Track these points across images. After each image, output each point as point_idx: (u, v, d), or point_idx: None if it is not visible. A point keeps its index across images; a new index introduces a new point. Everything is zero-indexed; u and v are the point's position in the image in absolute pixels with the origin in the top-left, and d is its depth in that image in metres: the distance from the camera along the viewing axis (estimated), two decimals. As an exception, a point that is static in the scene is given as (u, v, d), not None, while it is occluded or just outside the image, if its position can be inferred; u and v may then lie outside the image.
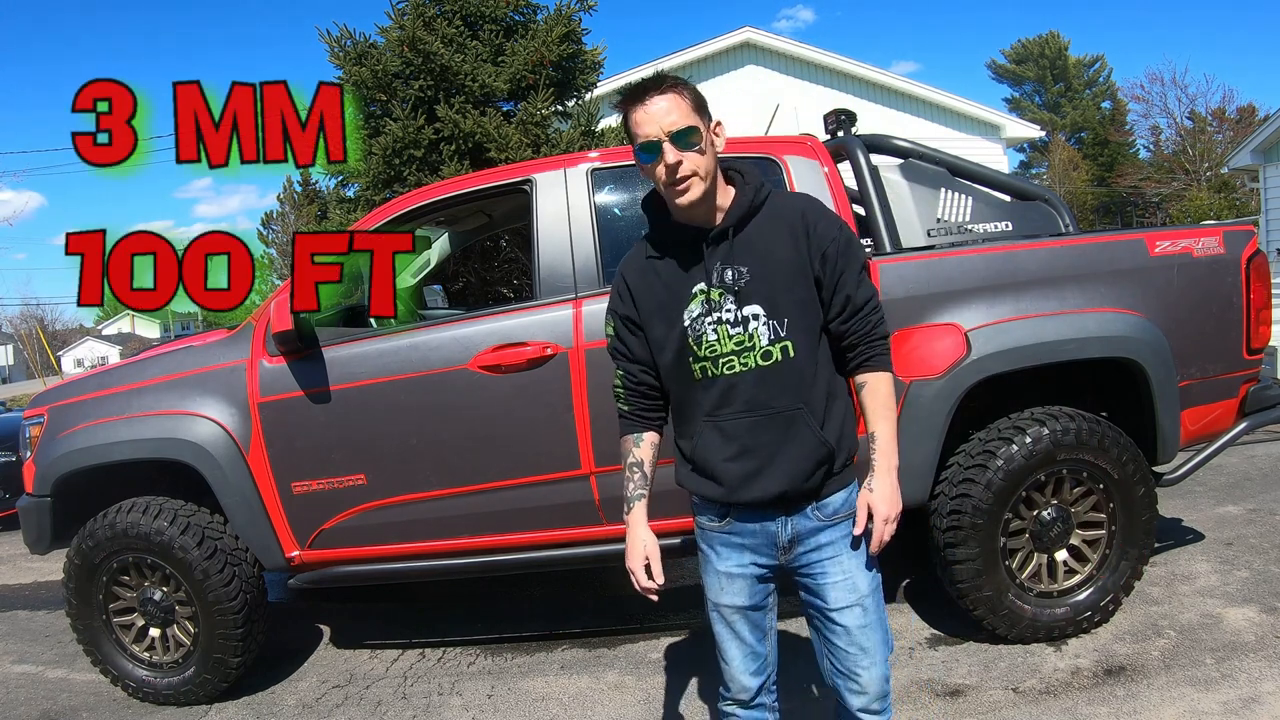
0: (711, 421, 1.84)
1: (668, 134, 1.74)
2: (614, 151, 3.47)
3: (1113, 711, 2.75)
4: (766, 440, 1.81)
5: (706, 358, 1.82)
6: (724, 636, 1.97)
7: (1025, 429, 3.08)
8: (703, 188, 1.79)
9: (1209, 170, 31.85)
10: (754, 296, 1.80)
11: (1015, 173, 22.05)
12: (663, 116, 1.75)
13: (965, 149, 9.83)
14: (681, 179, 1.76)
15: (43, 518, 3.44)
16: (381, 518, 3.25)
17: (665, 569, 1.92)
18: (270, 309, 3.19)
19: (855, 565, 1.90)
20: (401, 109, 7.84)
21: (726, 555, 1.92)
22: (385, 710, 3.25)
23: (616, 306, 1.95)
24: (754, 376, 1.80)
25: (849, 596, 1.89)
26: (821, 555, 1.88)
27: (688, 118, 1.76)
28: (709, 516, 1.94)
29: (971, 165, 3.68)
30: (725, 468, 1.83)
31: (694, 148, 1.76)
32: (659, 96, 1.76)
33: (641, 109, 1.77)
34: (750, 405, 1.81)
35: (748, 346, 1.80)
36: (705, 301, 1.82)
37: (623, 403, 1.96)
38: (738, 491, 1.84)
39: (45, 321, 53.68)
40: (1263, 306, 3.31)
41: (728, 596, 1.94)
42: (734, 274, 1.81)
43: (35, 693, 3.73)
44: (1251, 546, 4.00)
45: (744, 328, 1.80)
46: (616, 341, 1.96)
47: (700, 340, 1.82)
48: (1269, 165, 15.74)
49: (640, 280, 1.90)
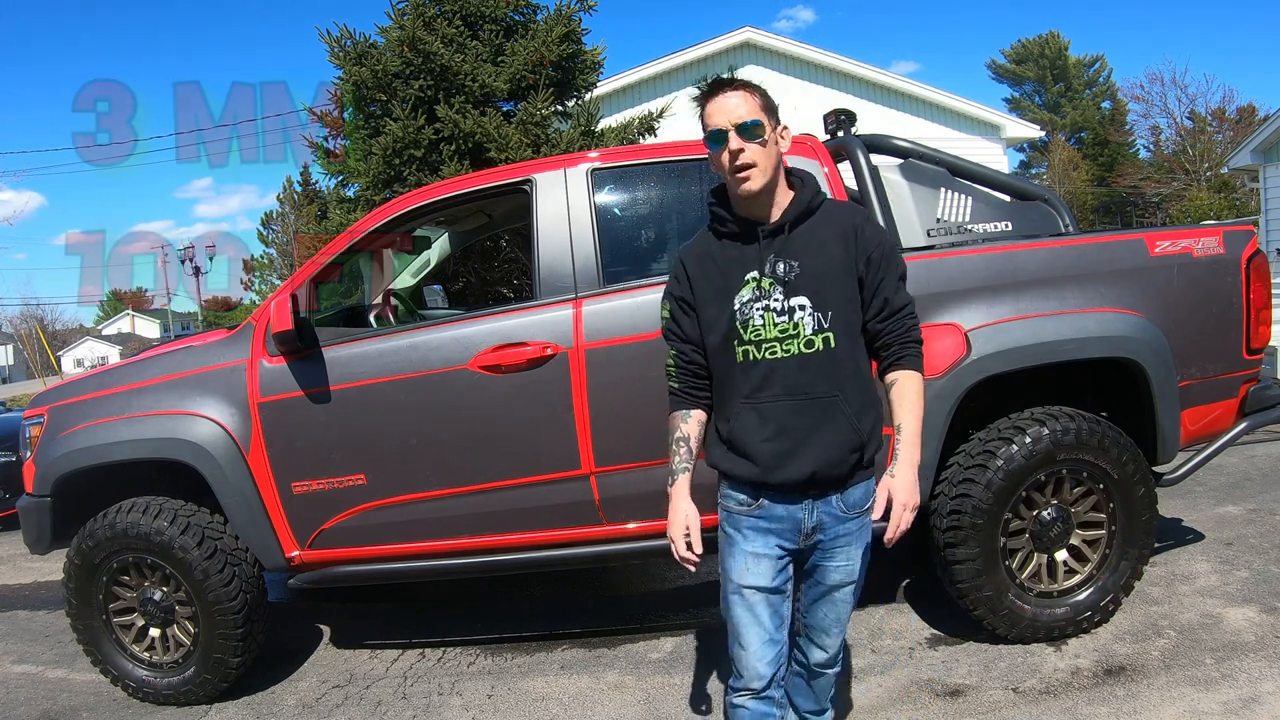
0: (750, 403, 1.96)
1: (734, 125, 1.90)
2: (614, 151, 3.47)
3: (1113, 711, 2.75)
4: (802, 424, 1.93)
5: (751, 341, 1.95)
6: (744, 621, 2.03)
7: (1025, 429, 3.08)
8: (763, 180, 1.92)
9: (1209, 170, 31.85)
10: (802, 289, 1.93)
11: (1015, 173, 22.05)
12: (732, 110, 1.91)
13: (965, 149, 9.83)
14: (742, 166, 1.90)
15: (43, 518, 3.44)
16: (381, 518, 3.25)
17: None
18: (270, 309, 3.19)
19: (858, 552, 2.07)
20: (401, 109, 7.84)
21: (753, 537, 2.02)
22: (385, 710, 3.25)
23: (673, 289, 2.07)
24: (795, 363, 1.93)
25: (846, 579, 2.08)
26: (836, 544, 2.03)
27: (754, 113, 1.92)
28: (739, 500, 2.03)
29: (971, 165, 3.68)
30: (761, 447, 1.94)
31: (757, 140, 1.91)
32: (731, 92, 1.94)
33: (714, 102, 1.94)
34: (789, 389, 1.93)
35: (791, 334, 1.93)
36: (756, 288, 1.95)
37: (673, 380, 2.09)
38: (772, 471, 1.94)
39: (45, 321, 53.71)
40: (1263, 306, 3.31)
41: (752, 577, 2.02)
42: (785, 266, 1.94)
43: (35, 693, 3.73)
44: (1251, 546, 4.00)
45: (789, 317, 1.93)
46: (671, 323, 2.08)
47: (747, 324, 1.95)
48: (1269, 165, 15.74)
49: (698, 266, 2.03)
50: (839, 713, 2.86)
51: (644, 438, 2.98)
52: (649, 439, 2.84)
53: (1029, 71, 50.52)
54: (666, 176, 3.48)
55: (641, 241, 3.65)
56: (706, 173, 3.51)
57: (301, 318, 3.13)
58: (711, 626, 3.63)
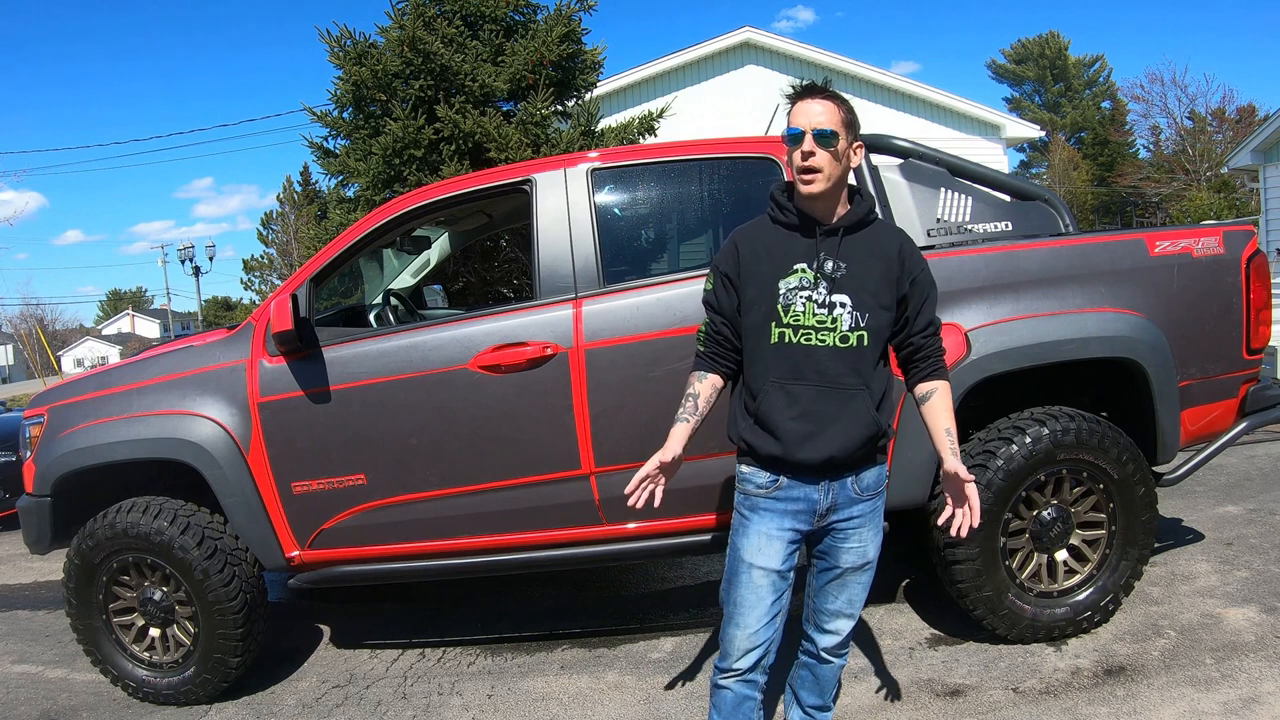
0: (779, 384, 2.09)
1: (812, 129, 2.04)
2: (614, 151, 3.47)
3: (1113, 711, 2.75)
4: (827, 409, 2.07)
5: (789, 325, 2.07)
6: (746, 600, 2.13)
7: (1025, 429, 3.08)
8: (824, 186, 2.06)
9: (1209, 170, 31.84)
10: (845, 289, 2.08)
11: (1015, 173, 22.04)
12: (815, 115, 2.05)
13: (965, 149, 9.84)
14: (810, 169, 2.04)
15: (43, 518, 3.44)
16: (381, 518, 3.25)
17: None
18: (270, 309, 3.19)
19: (871, 535, 2.20)
20: (401, 109, 7.85)
21: (769, 519, 2.13)
22: (385, 710, 3.25)
23: (721, 264, 2.19)
24: (829, 353, 2.07)
25: (859, 560, 2.19)
26: (849, 526, 2.16)
27: (833, 124, 2.05)
28: (758, 484, 2.14)
29: (971, 165, 3.67)
30: (788, 425, 2.07)
31: (830, 148, 2.04)
32: (819, 100, 2.08)
33: (802, 104, 2.08)
34: (820, 377, 2.07)
35: (829, 327, 2.07)
36: (804, 278, 2.08)
37: (701, 344, 2.22)
38: (793, 449, 2.07)
39: (45, 321, 53.69)
40: (1263, 306, 3.31)
41: (763, 558, 2.12)
42: (834, 265, 2.09)
43: (35, 693, 3.73)
44: (1251, 546, 4.00)
45: (829, 310, 2.07)
46: (712, 294, 2.21)
47: (788, 308, 2.08)
48: (1269, 165, 15.73)
49: (750, 248, 2.15)
50: (839, 712, 2.86)
51: (644, 438, 2.98)
52: (649, 439, 2.83)
53: (1029, 71, 50.54)
54: (666, 176, 3.48)
55: (641, 241, 3.65)
56: (707, 172, 3.51)
57: (301, 318, 3.13)
58: (712, 626, 3.63)
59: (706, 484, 3.11)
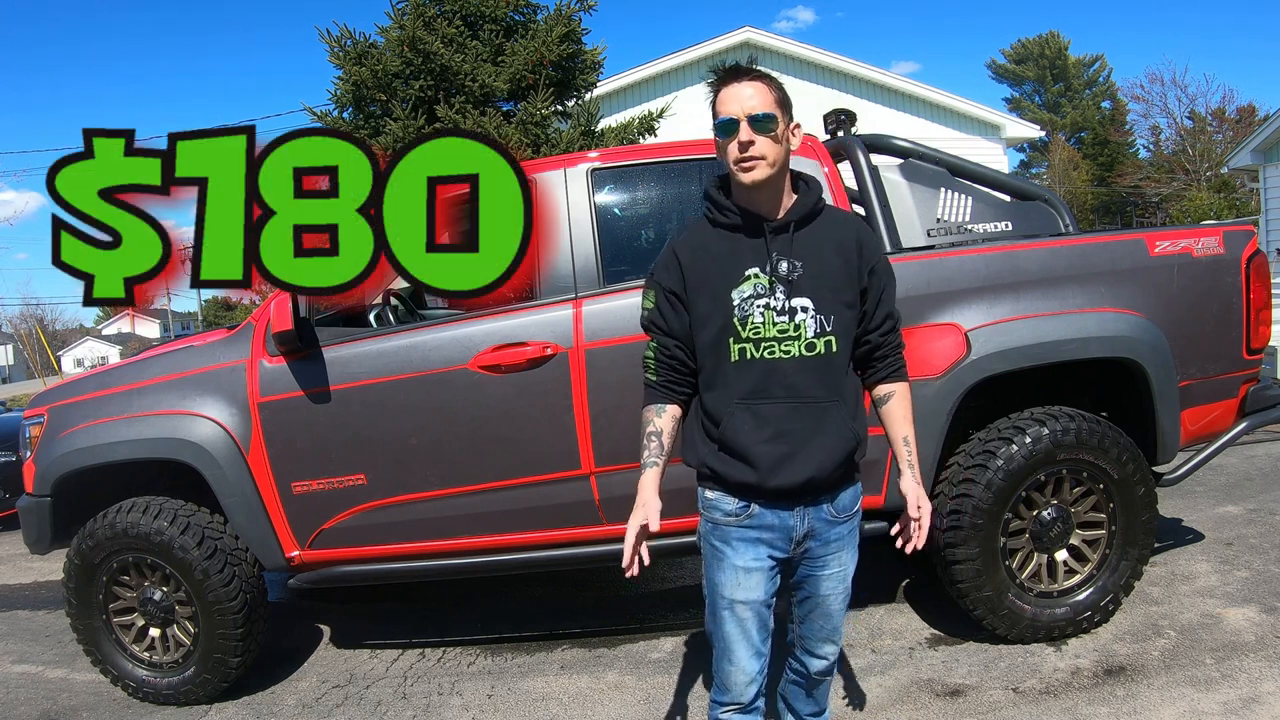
0: (745, 404, 1.89)
1: (746, 115, 1.84)
2: (614, 151, 3.47)
3: (1113, 711, 2.75)
4: (801, 427, 1.88)
5: (749, 339, 1.88)
6: (734, 637, 1.99)
7: (1025, 429, 3.08)
8: (768, 173, 1.86)
9: (1209, 170, 31.83)
10: (804, 290, 1.88)
11: (1015, 173, 22.06)
12: (745, 99, 1.85)
13: (965, 149, 9.83)
14: (750, 158, 1.84)
15: (43, 518, 3.44)
16: (381, 518, 3.25)
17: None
18: (270, 309, 3.19)
19: (849, 557, 2.04)
20: (401, 109, 7.85)
21: (744, 549, 1.95)
22: (385, 710, 3.25)
23: (662, 279, 1.99)
24: (795, 365, 1.88)
25: (838, 586, 2.04)
26: (828, 550, 1.99)
27: (768, 105, 1.86)
28: (726, 510, 1.96)
29: (971, 165, 3.68)
30: (760, 449, 1.88)
31: (768, 133, 1.84)
32: (748, 82, 1.87)
33: (729, 89, 1.88)
34: (790, 392, 1.88)
35: (792, 335, 1.88)
36: (758, 285, 1.89)
37: (651, 373, 2.02)
38: (770, 475, 1.88)
39: (45, 321, 53.70)
40: (1263, 306, 3.31)
41: (743, 592, 1.96)
42: (789, 266, 1.89)
43: (35, 693, 3.73)
44: (1251, 546, 4.00)
45: (790, 317, 1.88)
46: (655, 314, 2.01)
47: (745, 321, 1.88)
48: (1269, 165, 15.73)
49: (692, 257, 1.95)
50: (838, 713, 2.86)
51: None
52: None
53: (1029, 71, 50.52)
54: (666, 176, 3.48)
55: (641, 241, 3.64)
56: (707, 172, 3.50)
57: (301, 317, 3.13)
58: (711, 626, 3.63)
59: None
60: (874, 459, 3.09)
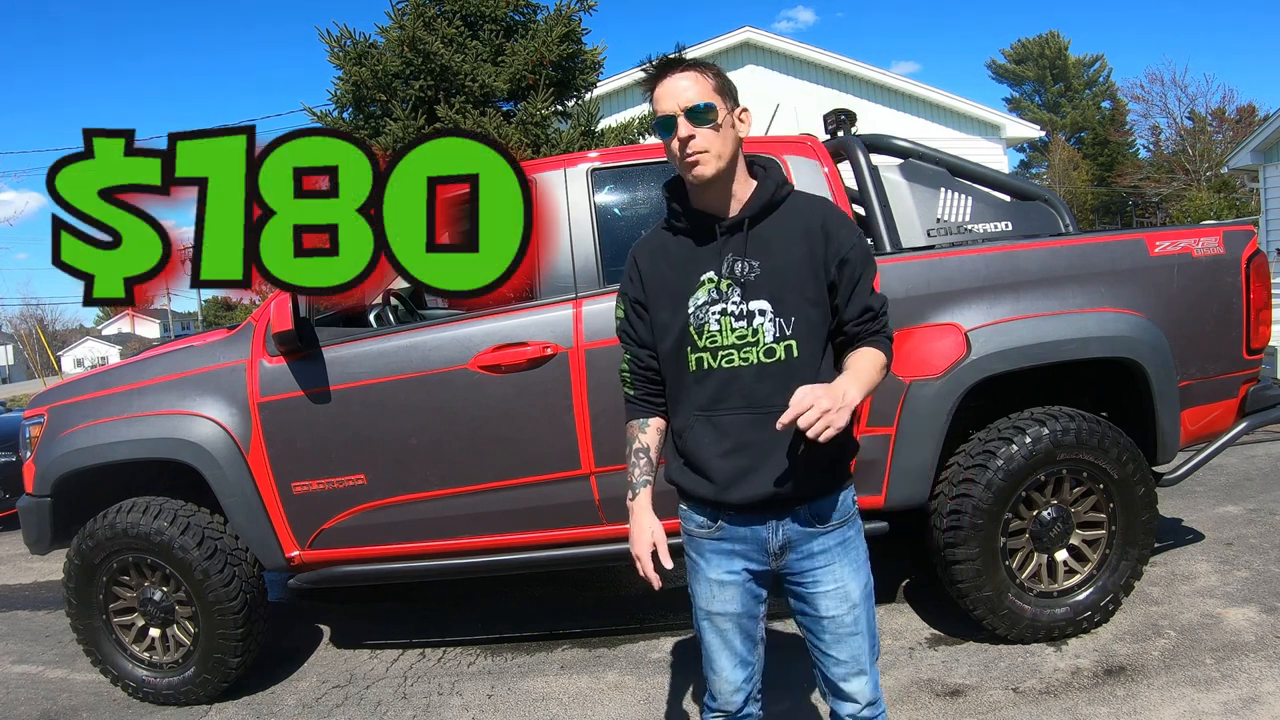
0: (704, 416, 1.80)
1: (683, 109, 1.73)
2: (614, 151, 3.47)
3: (1113, 712, 2.75)
4: (761, 438, 1.75)
5: (705, 348, 1.78)
6: (714, 646, 1.92)
7: (1025, 429, 3.08)
8: (716, 166, 1.74)
9: (1209, 170, 31.84)
10: (762, 291, 1.76)
11: (1015, 173, 22.06)
12: (680, 93, 1.74)
13: (965, 149, 9.83)
14: (693, 153, 1.73)
15: (43, 518, 3.44)
16: (381, 518, 3.25)
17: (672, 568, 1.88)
18: (270, 309, 3.19)
19: (848, 573, 1.86)
20: (401, 109, 7.85)
21: (717, 562, 1.87)
22: (385, 710, 3.25)
23: (627, 289, 1.92)
24: (754, 372, 1.76)
25: (840, 605, 1.85)
26: (814, 564, 1.84)
27: (706, 95, 1.74)
28: (698, 522, 1.88)
29: (971, 165, 3.68)
30: (716, 464, 1.79)
31: (709, 124, 1.73)
32: (681, 74, 1.76)
33: (662, 85, 1.76)
34: (748, 402, 1.76)
35: (750, 341, 1.76)
36: (713, 290, 1.78)
37: (629, 387, 1.93)
38: (727, 490, 1.79)
39: (45, 321, 53.70)
40: (1262, 306, 3.31)
41: (719, 604, 1.89)
42: (744, 266, 1.77)
43: (35, 693, 3.73)
44: (1251, 546, 4.00)
45: (748, 322, 1.76)
46: (625, 325, 1.92)
47: (701, 329, 1.78)
48: (1269, 165, 15.73)
49: (651, 264, 1.86)
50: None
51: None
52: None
53: (1029, 71, 50.53)
54: (666, 176, 3.47)
55: (641, 241, 3.64)
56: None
57: (301, 318, 3.13)
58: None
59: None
60: (873, 459, 3.10)
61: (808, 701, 2.90)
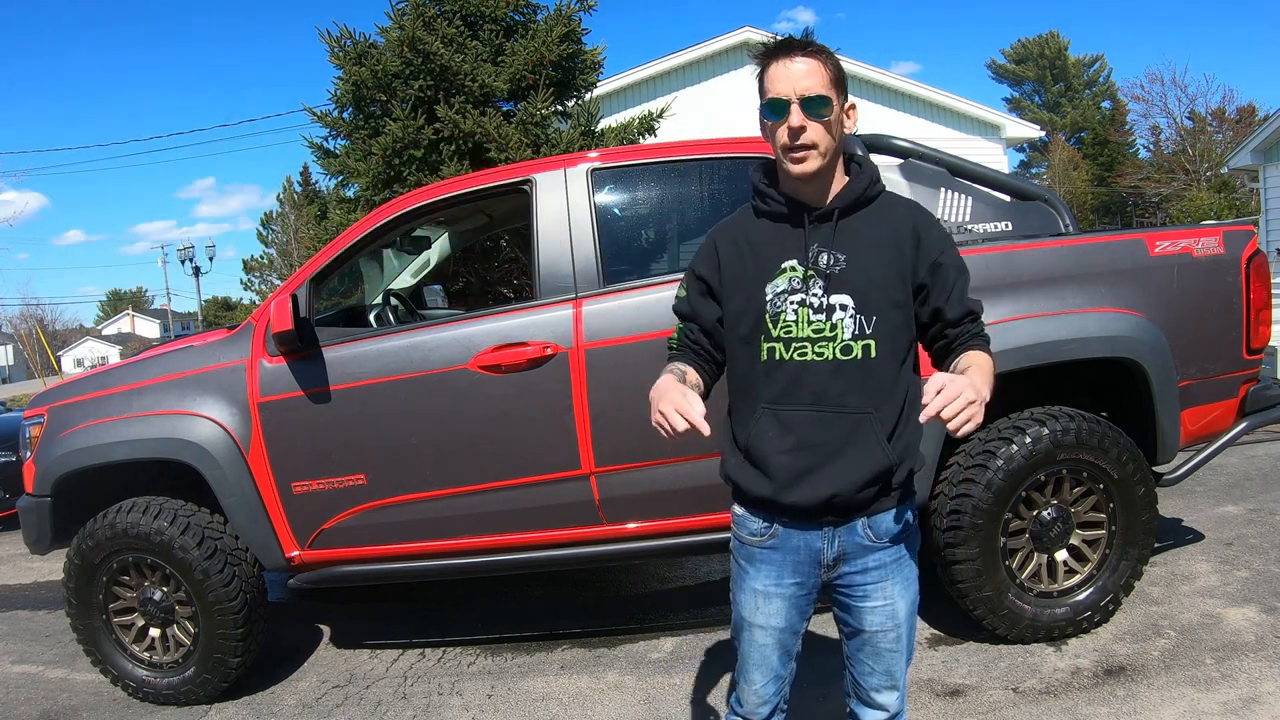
0: (770, 410, 1.73)
1: (800, 97, 1.65)
2: (614, 151, 3.47)
3: (1113, 712, 2.75)
4: (827, 439, 1.70)
5: (779, 338, 1.71)
6: (750, 659, 1.87)
7: (1025, 429, 3.08)
8: (820, 163, 1.69)
9: (1209, 170, 31.84)
10: (845, 286, 1.69)
11: (1015, 173, 22.05)
12: (799, 78, 1.66)
13: (965, 149, 9.84)
14: (801, 146, 1.67)
15: (43, 518, 3.44)
16: (381, 518, 3.25)
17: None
18: (270, 309, 3.19)
19: (898, 590, 1.80)
20: (401, 109, 7.85)
21: (766, 572, 1.81)
22: (385, 710, 3.25)
23: (698, 268, 1.84)
24: (828, 368, 1.69)
25: (887, 622, 1.80)
26: (867, 579, 1.78)
27: (824, 87, 1.67)
28: (751, 529, 1.82)
29: (971, 165, 3.67)
30: (778, 460, 1.72)
31: (822, 119, 1.67)
32: (801, 58, 1.67)
33: (780, 66, 1.68)
34: (818, 398, 1.70)
35: (828, 336, 1.69)
36: (794, 279, 1.72)
37: (675, 348, 1.87)
38: (785, 489, 1.72)
39: (45, 321, 53.71)
40: (1263, 306, 3.31)
41: (762, 617, 1.83)
42: (830, 258, 1.70)
43: (35, 693, 3.73)
44: (1251, 546, 4.00)
45: (827, 316, 1.69)
46: (685, 302, 1.86)
47: (777, 318, 1.71)
48: (1269, 165, 15.74)
49: (731, 247, 1.80)
50: (835, 711, 2.86)
51: (644, 438, 2.97)
52: (649, 439, 2.83)
53: (1029, 71, 50.56)
54: (666, 176, 3.48)
55: (641, 241, 3.65)
56: (707, 173, 3.51)
57: (301, 318, 3.13)
58: (711, 626, 3.63)
59: (706, 484, 3.11)
60: None
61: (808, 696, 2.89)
